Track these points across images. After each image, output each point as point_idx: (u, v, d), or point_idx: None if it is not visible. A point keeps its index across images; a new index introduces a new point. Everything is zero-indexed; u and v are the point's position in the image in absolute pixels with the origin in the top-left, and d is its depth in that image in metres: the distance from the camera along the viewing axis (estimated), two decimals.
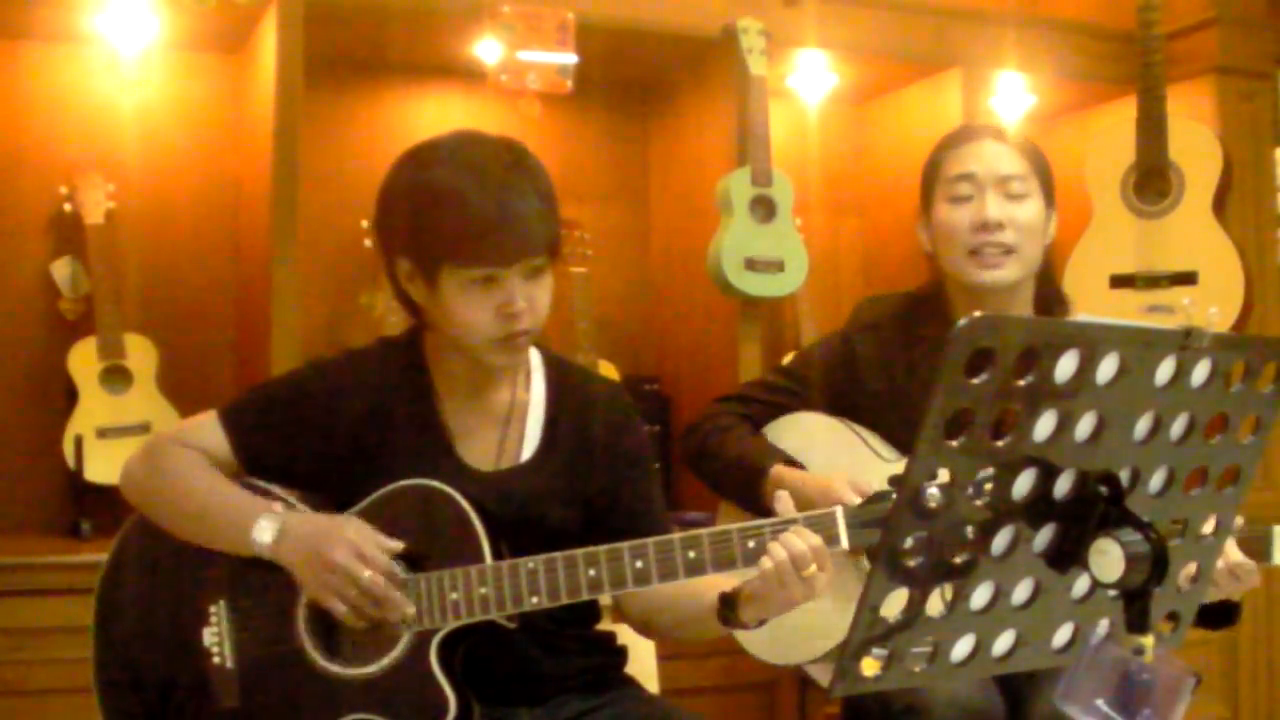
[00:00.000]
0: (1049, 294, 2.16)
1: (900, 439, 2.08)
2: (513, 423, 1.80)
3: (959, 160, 2.11)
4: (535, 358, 1.85)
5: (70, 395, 2.83)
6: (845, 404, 2.17)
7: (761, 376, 2.34)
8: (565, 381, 1.85)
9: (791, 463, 2.09)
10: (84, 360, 2.84)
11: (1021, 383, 1.07)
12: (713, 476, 2.18)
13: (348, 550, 1.61)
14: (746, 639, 2.15)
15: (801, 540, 1.59)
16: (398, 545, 1.65)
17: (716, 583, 1.69)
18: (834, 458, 2.12)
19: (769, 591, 1.61)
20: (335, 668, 1.68)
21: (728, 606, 1.68)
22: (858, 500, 1.77)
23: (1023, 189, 2.08)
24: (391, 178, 1.73)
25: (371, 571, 1.61)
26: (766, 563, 1.59)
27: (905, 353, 2.13)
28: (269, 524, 1.65)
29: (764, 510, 2.03)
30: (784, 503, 1.67)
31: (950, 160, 2.12)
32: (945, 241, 2.11)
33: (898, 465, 2.06)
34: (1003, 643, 1.20)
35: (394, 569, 1.64)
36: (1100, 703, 1.13)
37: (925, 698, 1.81)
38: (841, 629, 1.98)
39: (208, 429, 1.75)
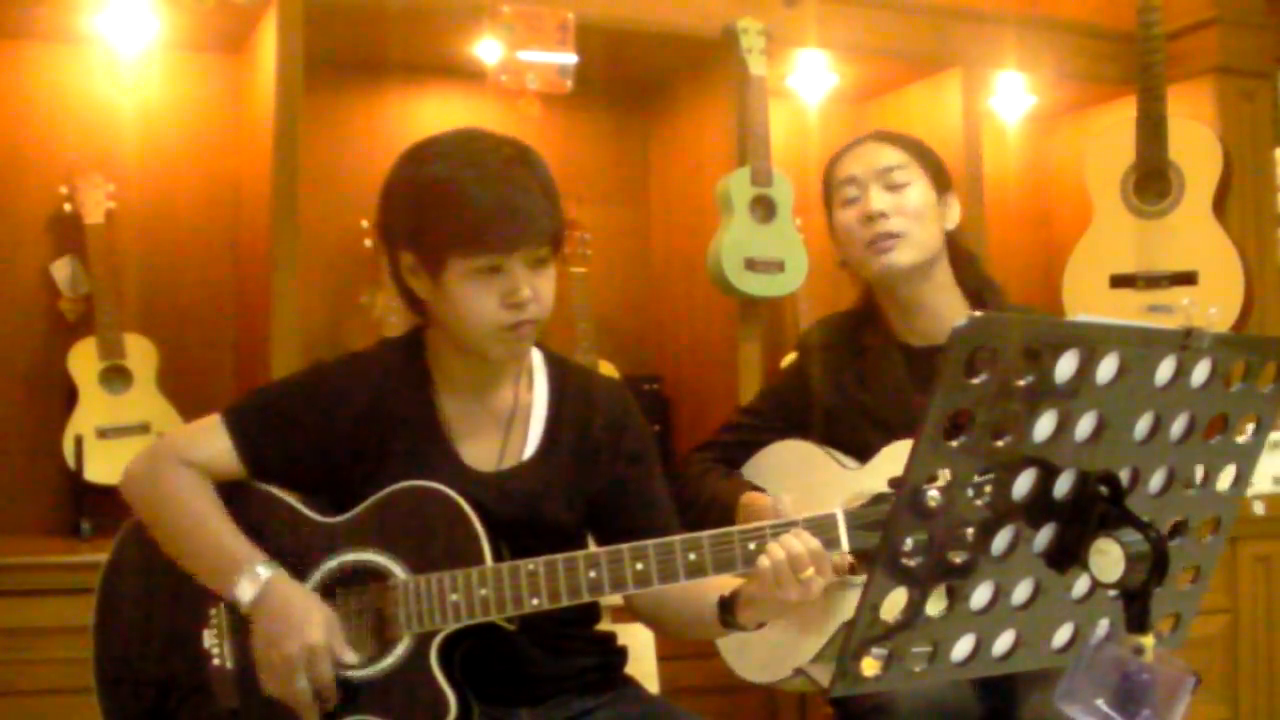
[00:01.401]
0: (977, 282, 2.23)
1: (862, 447, 2.14)
2: (515, 423, 1.80)
3: (842, 166, 2.25)
4: (537, 358, 1.85)
5: (70, 395, 2.83)
6: (808, 427, 2.24)
7: (727, 419, 2.43)
8: (567, 381, 1.85)
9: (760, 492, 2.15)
10: (84, 360, 2.84)
11: (1021, 383, 1.07)
12: (695, 525, 2.20)
13: (302, 653, 1.61)
14: (729, 656, 2.18)
15: (800, 542, 1.60)
16: (352, 658, 1.65)
17: (722, 584, 1.69)
18: (805, 477, 2.19)
19: (765, 592, 1.61)
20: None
21: (726, 609, 1.68)
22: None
23: (904, 178, 2.18)
24: (395, 172, 1.74)
25: (306, 684, 1.62)
26: (764, 562, 1.60)
27: (852, 366, 2.23)
28: (250, 586, 1.65)
29: None
30: (784, 506, 1.68)
31: (836, 168, 2.26)
32: (846, 243, 2.23)
33: (863, 474, 2.10)
34: (1003, 643, 1.20)
35: (333, 687, 1.64)
36: (1100, 703, 1.13)
37: (893, 695, 1.82)
38: (824, 630, 2.02)
39: (212, 434, 1.75)
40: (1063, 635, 1.24)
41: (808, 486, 2.15)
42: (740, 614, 1.67)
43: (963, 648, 1.18)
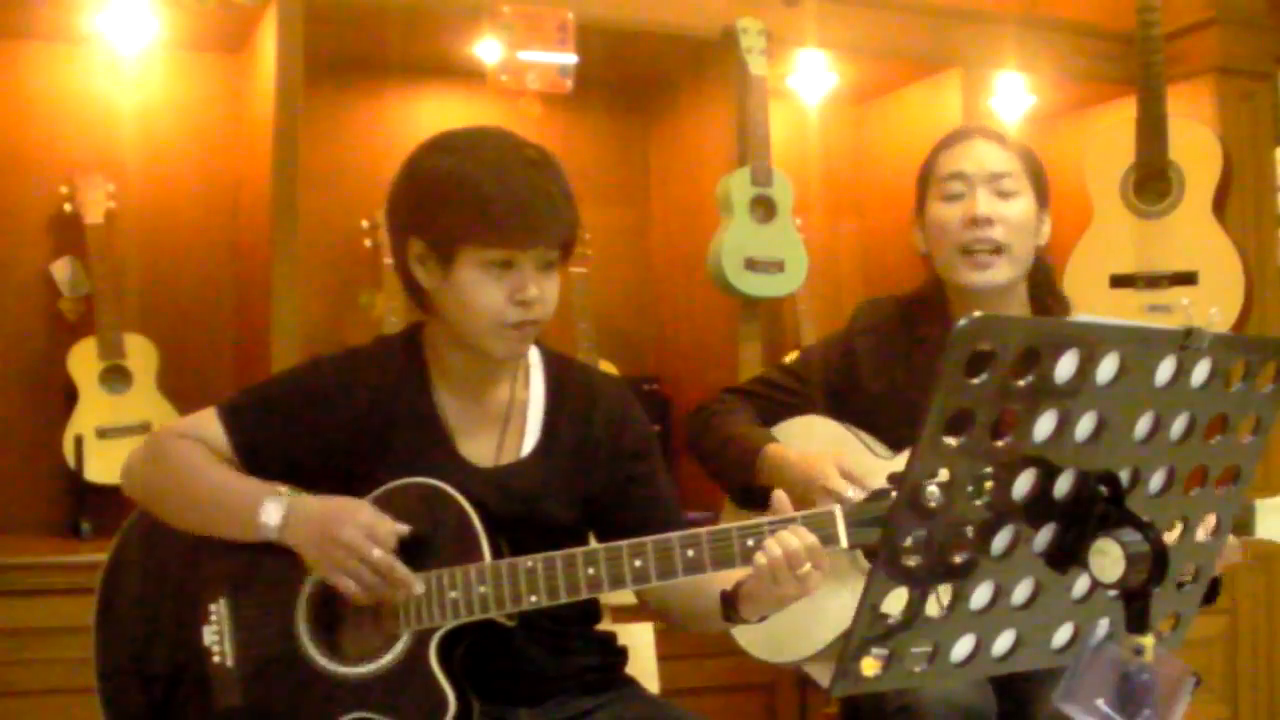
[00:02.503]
0: (1047, 297, 2.17)
1: (899, 439, 2.09)
2: (513, 420, 1.80)
3: (951, 159, 2.14)
4: (535, 355, 1.85)
5: (70, 395, 2.83)
6: (845, 405, 2.18)
7: (765, 373, 2.35)
8: (565, 378, 1.85)
9: None
10: (84, 360, 2.85)
11: (1021, 383, 1.07)
12: (710, 454, 2.19)
13: (357, 529, 1.61)
14: (744, 639, 2.17)
15: (797, 539, 1.60)
16: (404, 528, 1.65)
17: (726, 578, 1.70)
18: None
19: (763, 589, 1.62)
20: (335, 667, 1.68)
21: (728, 604, 1.69)
22: (840, 480, 1.90)
23: (1013, 186, 2.10)
24: (414, 160, 1.74)
25: (379, 551, 1.61)
26: (761, 559, 1.60)
27: (904, 355, 2.15)
28: (276, 506, 1.65)
29: (756, 490, 2.05)
30: (781, 501, 1.68)
31: (943, 160, 2.15)
32: (937, 239, 2.13)
33: (895, 463, 2.06)
34: (1003, 643, 1.20)
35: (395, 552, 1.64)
36: (1100, 703, 1.13)
37: (919, 698, 1.82)
38: (835, 622, 2.01)
39: (207, 425, 1.76)
40: (1063, 635, 1.24)
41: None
42: (741, 607, 1.68)
43: (963, 648, 1.18)
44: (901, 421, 2.07)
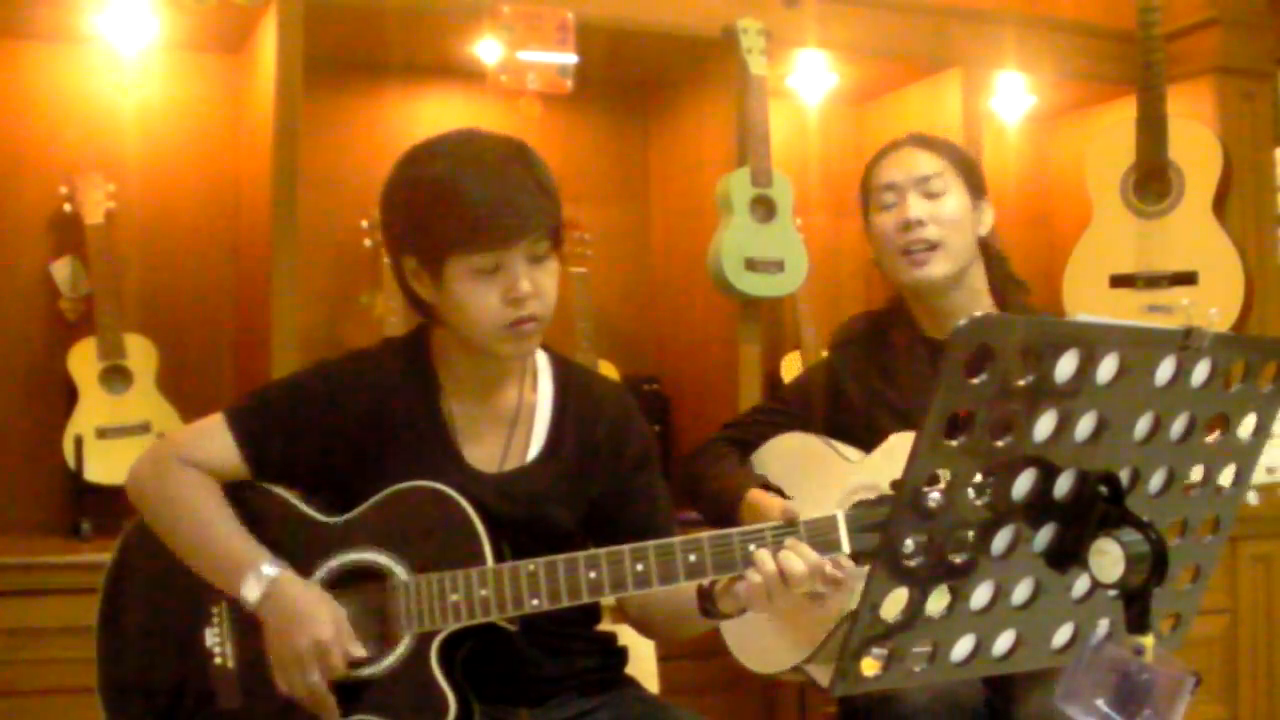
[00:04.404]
0: (1006, 283, 2.27)
1: (882, 440, 2.14)
2: (519, 424, 1.80)
3: (882, 171, 2.29)
4: (542, 359, 1.85)
5: (70, 395, 2.83)
6: (836, 422, 2.27)
7: (760, 404, 2.51)
8: (571, 383, 1.85)
9: (769, 488, 2.19)
10: (84, 360, 2.84)
11: (1021, 383, 1.07)
12: (699, 507, 2.31)
13: (313, 646, 1.62)
14: (733, 645, 2.19)
15: (800, 559, 1.59)
16: (361, 652, 1.66)
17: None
18: (801, 466, 2.23)
19: (754, 601, 1.62)
20: None
21: (707, 599, 1.69)
22: None
23: (940, 186, 2.22)
24: (393, 176, 1.74)
25: (319, 679, 1.63)
26: (755, 577, 1.60)
27: (878, 361, 2.27)
28: (257, 584, 1.65)
29: None
30: (792, 513, 1.68)
31: (876, 173, 2.30)
32: (881, 246, 2.27)
33: (863, 466, 2.12)
34: (1003, 643, 1.20)
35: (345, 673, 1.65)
36: (1100, 703, 1.13)
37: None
38: (822, 630, 2.02)
39: (214, 433, 1.75)
40: (1063, 635, 1.24)
41: (808, 477, 2.18)
42: (721, 603, 1.68)
43: (963, 648, 1.18)
44: (881, 423, 2.17)
